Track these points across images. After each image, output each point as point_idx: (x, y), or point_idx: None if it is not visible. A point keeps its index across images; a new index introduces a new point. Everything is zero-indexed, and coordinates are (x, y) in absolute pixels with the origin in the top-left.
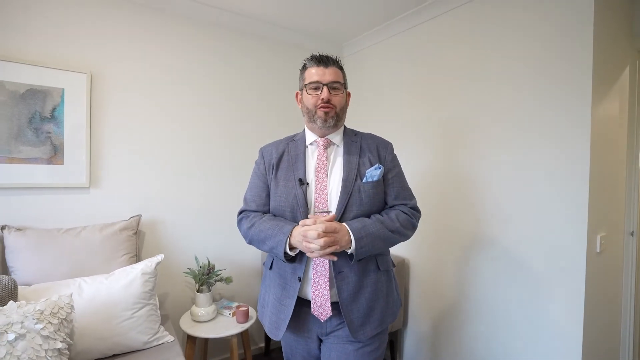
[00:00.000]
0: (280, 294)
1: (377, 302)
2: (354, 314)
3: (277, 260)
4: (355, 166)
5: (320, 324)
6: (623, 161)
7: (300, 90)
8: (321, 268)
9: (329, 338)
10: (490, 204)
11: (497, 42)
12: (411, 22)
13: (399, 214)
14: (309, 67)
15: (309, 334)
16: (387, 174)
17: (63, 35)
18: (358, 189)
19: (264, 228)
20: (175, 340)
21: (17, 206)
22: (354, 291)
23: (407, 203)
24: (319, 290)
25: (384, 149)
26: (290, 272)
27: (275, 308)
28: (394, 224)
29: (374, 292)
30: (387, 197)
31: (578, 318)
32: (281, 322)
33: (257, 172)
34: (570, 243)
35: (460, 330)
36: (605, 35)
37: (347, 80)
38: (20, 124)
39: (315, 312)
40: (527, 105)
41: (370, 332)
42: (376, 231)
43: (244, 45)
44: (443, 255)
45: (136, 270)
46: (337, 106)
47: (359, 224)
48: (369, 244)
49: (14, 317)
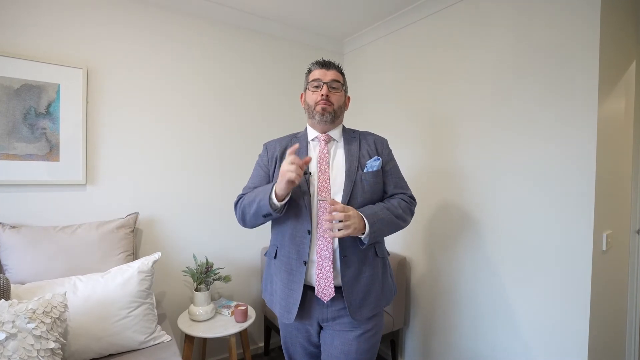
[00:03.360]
0: (287, 280)
1: (373, 286)
2: (353, 296)
3: (281, 248)
4: (356, 158)
5: (322, 309)
6: (629, 158)
7: (304, 91)
8: (325, 252)
9: (329, 325)
10: (495, 203)
11: (500, 39)
12: (412, 17)
13: (400, 202)
14: (313, 70)
15: (311, 320)
16: (385, 166)
17: (58, 29)
18: (360, 179)
19: (251, 194)
20: (172, 339)
21: (12, 203)
22: (354, 275)
23: (406, 192)
24: (322, 273)
25: (381, 143)
26: (296, 258)
27: (284, 293)
28: (397, 210)
29: (371, 277)
30: (387, 187)
31: (584, 316)
32: (292, 306)
33: (260, 163)
34: (576, 241)
35: (463, 329)
36: (612, 30)
37: (347, 85)
38: (15, 120)
39: (319, 294)
40: (532, 102)
41: (366, 314)
42: (385, 217)
43: (241, 42)
44: (444, 254)
45: (133, 268)
46: (335, 103)
47: (371, 211)
48: (380, 229)
49: (5, 316)
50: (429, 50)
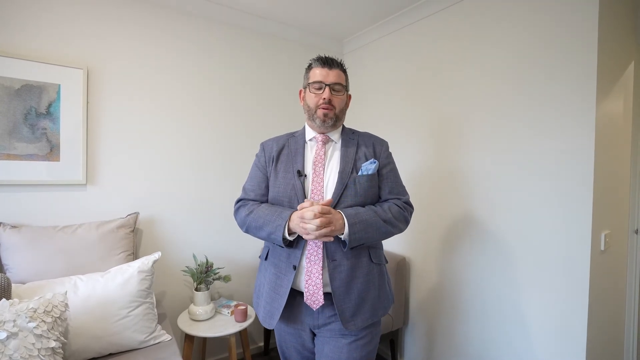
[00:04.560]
0: (275, 283)
1: (369, 294)
2: (345, 303)
3: (272, 250)
4: (351, 160)
5: (313, 315)
6: (627, 158)
7: (304, 88)
8: (314, 257)
9: (321, 331)
10: (493, 203)
11: (498, 39)
12: (412, 17)
13: (392, 206)
14: (314, 67)
15: (302, 325)
16: (381, 169)
17: (59, 30)
18: (353, 181)
19: (262, 214)
20: (172, 339)
21: (12, 203)
22: (346, 280)
23: (401, 198)
24: (311, 279)
25: (380, 145)
26: (285, 261)
27: (270, 297)
28: (386, 214)
29: (365, 283)
30: (381, 192)
31: (582, 316)
32: (275, 311)
33: (258, 164)
34: (575, 241)
35: (461, 328)
36: (610, 31)
37: (349, 83)
38: (15, 120)
39: (308, 301)
40: (530, 102)
41: (361, 323)
42: (369, 218)
43: (242, 42)
44: (443, 254)
45: (133, 268)
46: (336, 107)
47: (352, 211)
48: (362, 230)
49: (6, 315)
50: (429, 50)
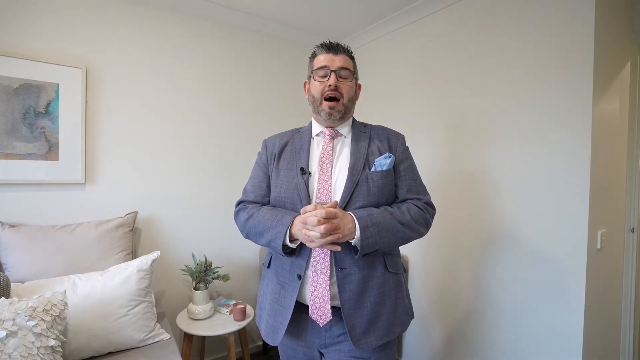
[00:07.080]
0: (278, 294)
1: (384, 307)
2: (356, 318)
3: (275, 257)
4: (363, 154)
5: (320, 333)
6: (624, 157)
7: (308, 79)
8: (321, 265)
9: (329, 352)
10: (490, 203)
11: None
12: (413, 16)
13: (411, 207)
14: (318, 55)
15: (308, 344)
16: (398, 166)
17: (57, 29)
18: (366, 178)
19: (262, 219)
20: (171, 338)
21: (11, 202)
22: (357, 292)
23: (421, 198)
24: (317, 290)
25: (396, 139)
26: (289, 270)
27: (273, 310)
28: (404, 216)
29: (380, 296)
30: (399, 191)
31: (578, 315)
32: (279, 326)
33: (259, 162)
34: (571, 240)
35: (460, 329)
36: (606, 30)
37: (357, 71)
38: (14, 120)
39: (314, 316)
40: (528, 103)
41: (374, 342)
42: (384, 221)
43: (240, 41)
44: (442, 254)
45: (132, 267)
46: (344, 95)
47: (365, 212)
48: (376, 235)
49: (5, 314)
50: (429, 49)
